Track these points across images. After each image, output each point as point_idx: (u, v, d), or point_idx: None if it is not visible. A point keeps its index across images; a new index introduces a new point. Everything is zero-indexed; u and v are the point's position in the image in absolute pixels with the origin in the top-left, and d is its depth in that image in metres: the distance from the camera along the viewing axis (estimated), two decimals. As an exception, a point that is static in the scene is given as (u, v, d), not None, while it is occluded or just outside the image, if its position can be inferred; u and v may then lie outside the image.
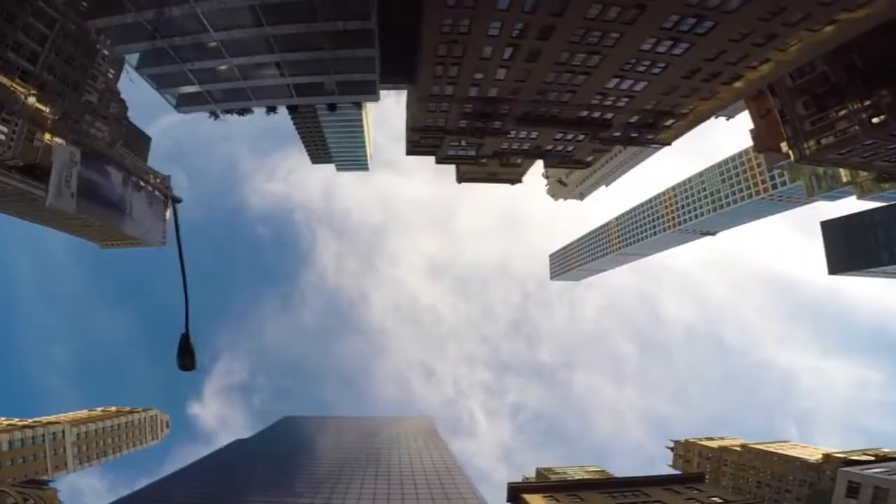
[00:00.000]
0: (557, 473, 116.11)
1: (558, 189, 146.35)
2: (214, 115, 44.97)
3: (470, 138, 48.61)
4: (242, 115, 46.29)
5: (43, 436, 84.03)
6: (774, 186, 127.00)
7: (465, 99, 40.05)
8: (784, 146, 52.79)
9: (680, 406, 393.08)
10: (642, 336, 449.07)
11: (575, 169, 64.41)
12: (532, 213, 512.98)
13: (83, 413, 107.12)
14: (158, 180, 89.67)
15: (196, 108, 42.57)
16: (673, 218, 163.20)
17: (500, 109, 41.74)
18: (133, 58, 35.71)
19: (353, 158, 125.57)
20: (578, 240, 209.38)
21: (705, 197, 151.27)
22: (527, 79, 36.68)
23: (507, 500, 40.60)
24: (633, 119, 42.98)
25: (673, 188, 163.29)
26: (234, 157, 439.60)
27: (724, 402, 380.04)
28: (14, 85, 52.90)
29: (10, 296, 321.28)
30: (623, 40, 31.29)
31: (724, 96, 38.67)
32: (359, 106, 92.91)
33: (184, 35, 31.75)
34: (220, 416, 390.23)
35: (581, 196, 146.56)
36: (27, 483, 75.49)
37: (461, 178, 73.19)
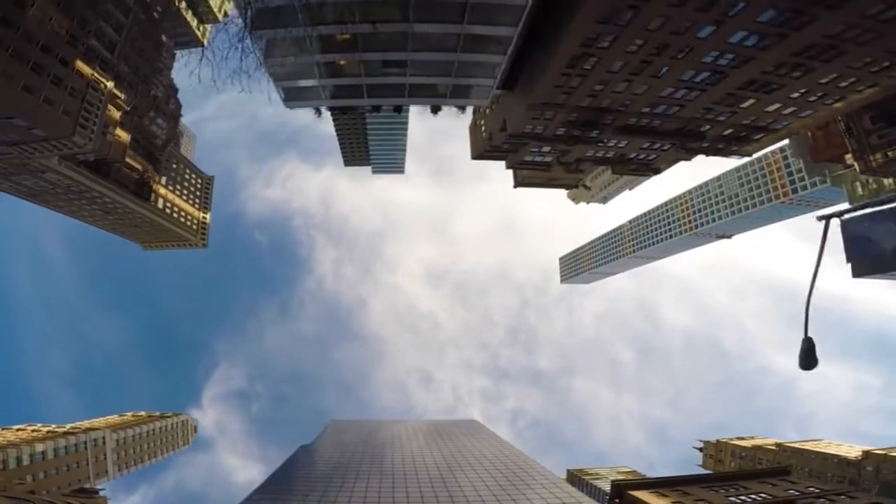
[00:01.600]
0: (590, 474, 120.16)
1: (581, 193, 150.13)
2: (318, 111, 46.93)
3: (560, 145, 51.52)
4: (345, 112, 48.43)
5: (85, 443, 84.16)
6: (795, 191, 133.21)
7: (574, 108, 42.98)
8: (849, 157, 57.19)
9: (678, 412, 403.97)
10: (641, 342, 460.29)
11: (643, 176, 67.86)
12: (530, 219, 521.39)
13: (115, 418, 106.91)
14: (202, 181, 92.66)
15: (304, 104, 44.19)
16: (689, 221, 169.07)
17: (604, 119, 44.79)
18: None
19: (392, 161, 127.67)
20: (590, 243, 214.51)
21: (723, 200, 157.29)
22: (645, 92, 39.80)
23: (612, 498, 43.65)
24: (727, 132, 46.56)
25: (689, 192, 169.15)
26: (232, 163, 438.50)
27: (722, 407, 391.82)
28: (95, 74, 53.51)
29: (9, 301, 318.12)
30: (754, 63, 34.64)
31: (820, 114, 42.47)
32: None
33: (326, 24, 32.93)
34: (218, 423, 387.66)
35: (604, 200, 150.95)
36: (78, 492, 75.62)
37: (519, 184, 76.20)
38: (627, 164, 58.56)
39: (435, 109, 55.02)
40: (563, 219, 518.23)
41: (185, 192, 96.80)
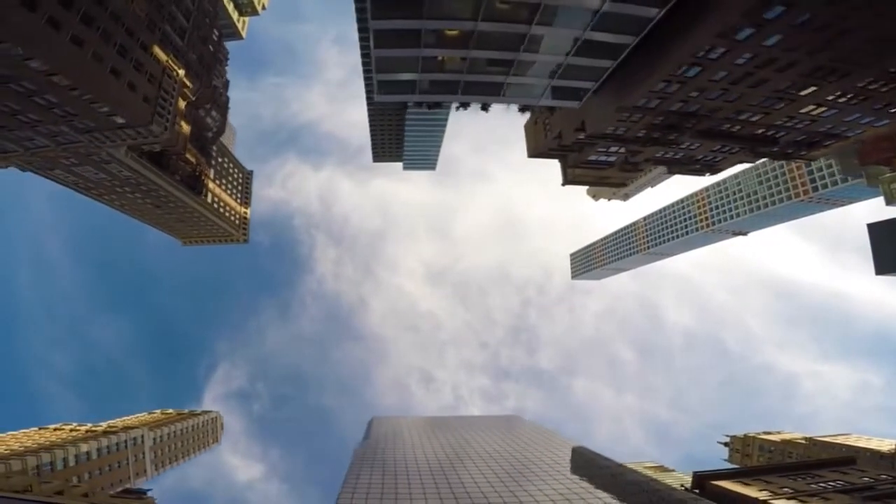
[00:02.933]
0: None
1: (601, 190, 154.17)
2: (404, 105, 49.04)
3: (634, 146, 54.42)
4: (431, 108, 50.64)
5: (126, 442, 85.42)
6: (815, 189, 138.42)
7: (663, 112, 45.84)
8: (900, 162, 61.09)
9: (680, 411, 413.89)
10: (642, 341, 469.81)
11: (699, 175, 71.11)
12: (531, 218, 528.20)
13: (145, 416, 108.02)
14: (242, 175, 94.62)
15: (396, 97, 46.19)
16: (706, 218, 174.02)
17: (687, 123, 47.73)
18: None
19: (425, 158, 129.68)
20: (602, 239, 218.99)
21: (741, 198, 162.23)
22: (737, 100, 42.79)
23: (693, 488, 47.06)
24: (801, 138, 49.87)
25: (707, 189, 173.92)
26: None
27: (724, 406, 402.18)
28: (169, 61, 54.23)
29: (11, 302, 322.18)
30: (849, 78, 37.79)
31: (894, 125, 45.92)
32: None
33: (446, 19, 34.72)
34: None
35: (626, 197, 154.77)
36: (125, 493, 77.08)
37: (569, 181, 78.94)
38: (689, 165, 61.76)
39: (485, 107, 57.57)
40: (563, 218, 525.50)
41: (228, 186, 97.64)
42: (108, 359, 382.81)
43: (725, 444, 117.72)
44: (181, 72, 56.39)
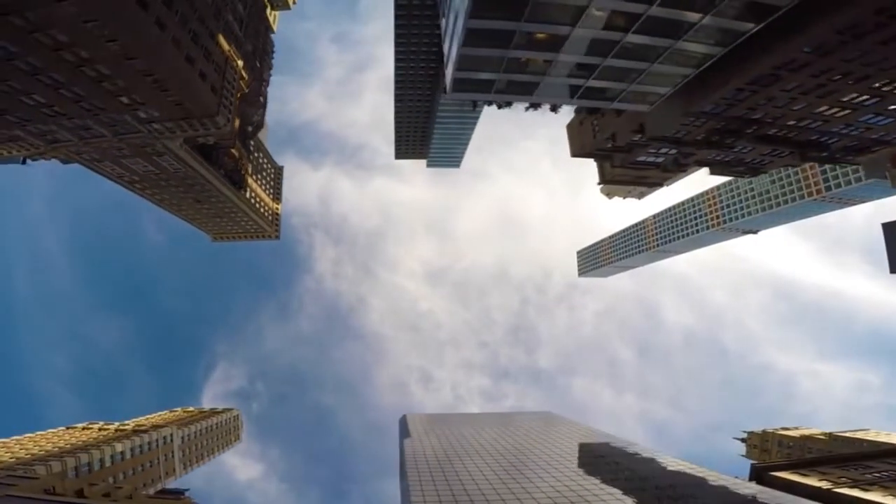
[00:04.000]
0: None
1: (616, 189, 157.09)
2: (474, 104, 50.85)
3: (689, 149, 57.03)
4: (500, 108, 52.63)
5: (157, 441, 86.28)
6: (829, 188, 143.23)
7: (728, 118, 48.40)
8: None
9: (679, 410, 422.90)
10: (641, 341, 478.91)
11: (742, 177, 74.11)
12: (530, 217, 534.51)
13: (166, 414, 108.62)
14: (274, 170, 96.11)
15: (470, 95, 47.44)
16: (717, 216, 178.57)
17: (748, 128, 50.41)
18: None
19: (451, 156, 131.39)
20: (610, 237, 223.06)
21: (753, 196, 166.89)
22: (802, 108, 45.49)
23: (751, 479, 50.05)
24: (852, 144, 52.87)
25: (717, 188, 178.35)
26: None
27: (722, 405, 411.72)
28: (231, 51, 54.74)
29: (8, 301, 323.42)
30: (918, 86, 40.59)
31: (946, 129, 49.02)
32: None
33: (544, 23, 36.41)
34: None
35: (641, 195, 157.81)
36: (162, 493, 78.20)
37: (606, 180, 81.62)
38: (735, 167, 64.66)
39: (555, 108, 59.68)
40: (563, 217, 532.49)
41: (262, 181, 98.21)
42: (106, 358, 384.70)
43: (742, 440, 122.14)
44: (240, 63, 57.05)
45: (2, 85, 46.70)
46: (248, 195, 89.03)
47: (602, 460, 62.07)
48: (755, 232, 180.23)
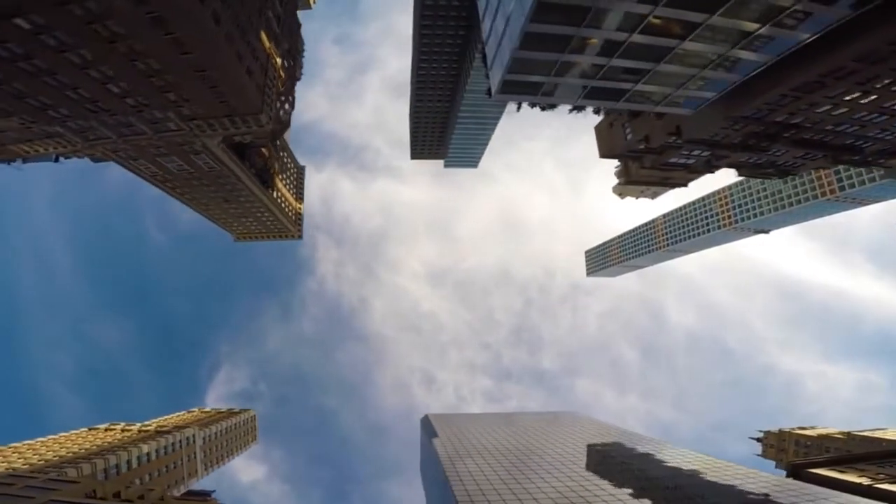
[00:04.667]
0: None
1: (629, 188, 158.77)
2: (518, 105, 52.21)
3: (724, 151, 58.59)
4: (544, 110, 54.03)
5: (180, 442, 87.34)
6: (843, 188, 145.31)
7: (768, 122, 49.96)
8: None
9: (682, 411, 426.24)
10: (645, 341, 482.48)
11: (770, 179, 75.86)
12: (532, 218, 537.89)
13: (184, 414, 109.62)
14: (297, 169, 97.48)
15: (516, 97, 48.89)
16: (728, 216, 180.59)
17: (786, 132, 51.98)
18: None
19: (469, 156, 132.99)
20: (619, 237, 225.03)
21: (765, 197, 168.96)
22: (841, 114, 47.08)
23: (788, 476, 51.74)
24: (886, 147, 54.53)
25: (729, 187, 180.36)
26: None
27: (727, 406, 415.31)
28: (271, 48, 55.45)
29: (13, 303, 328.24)
30: (959, 92, 42.22)
31: (980, 133, 50.72)
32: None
33: (601, 28, 37.70)
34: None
35: (654, 195, 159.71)
36: (189, 495, 79.22)
37: (632, 180, 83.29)
38: (765, 169, 66.28)
39: (598, 111, 60.97)
40: (566, 217, 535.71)
41: (286, 180, 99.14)
42: (110, 360, 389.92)
43: (758, 440, 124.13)
44: (279, 61, 57.91)
45: (50, 78, 47.10)
46: (274, 195, 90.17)
47: (642, 459, 63.67)
48: (766, 231, 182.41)
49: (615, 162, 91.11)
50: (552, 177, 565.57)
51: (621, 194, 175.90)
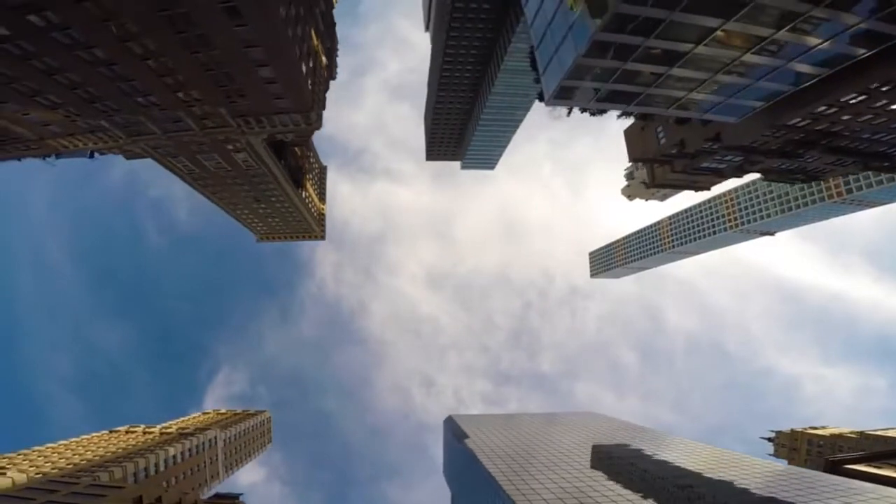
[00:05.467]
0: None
1: (639, 190, 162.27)
2: (570, 110, 54.33)
3: (758, 157, 61.31)
4: (594, 115, 56.27)
5: (203, 444, 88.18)
6: (850, 191, 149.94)
7: (810, 130, 52.68)
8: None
9: (681, 414, 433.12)
10: (644, 344, 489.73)
11: (796, 183, 78.91)
12: (531, 221, 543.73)
13: (200, 416, 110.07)
14: (319, 169, 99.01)
15: (569, 103, 50.77)
16: (735, 218, 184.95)
17: (823, 140, 54.78)
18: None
19: (487, 158, 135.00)
20: (624, 238, 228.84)
21: (772, 199, 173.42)
22: (881, 123, 49.94)
23: (826, 471, 54.55)
24: (917, 153, 57.58)
25: (735, 189, 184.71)
26: None
27: (725, 410, 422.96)
28: (319, 45, 56.51)
29: (12, 305, 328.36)
30: None
31: None
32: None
33: (669, 39, 39.88)
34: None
35: (664, 197, 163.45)
36: (216, 498, 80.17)
37: (657, 183, 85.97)
38: (793, 174, 69.25)
39: (646, 117, 63.43)
40: (564, 220, 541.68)
41: (311, 180, 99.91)
42: (109, 362, 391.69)
43: (770, 440, 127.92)
44: (324, 58, 59.05)
45: (106, 69, 46.69)
46: (303, 195, 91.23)
47: (680, 457, 66.22)
48: (772, 233, 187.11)
49: (621, 165, 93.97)
50: (551, 179, 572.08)
51: (630, 196, 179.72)
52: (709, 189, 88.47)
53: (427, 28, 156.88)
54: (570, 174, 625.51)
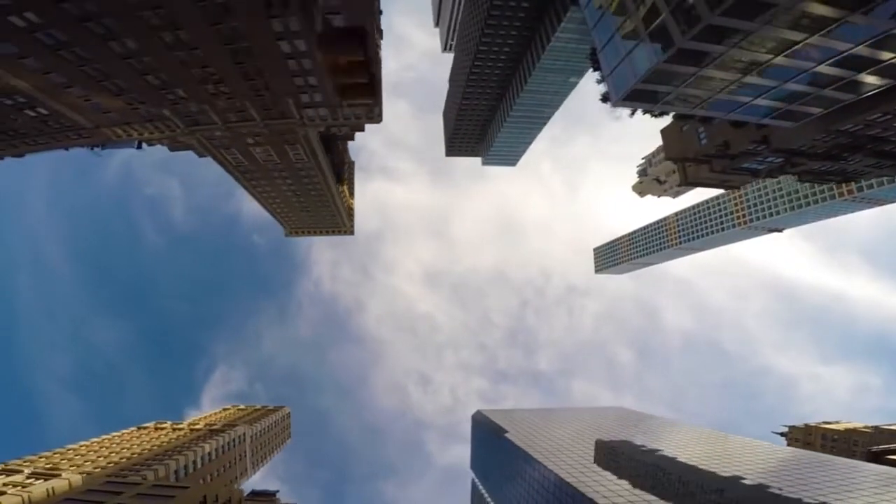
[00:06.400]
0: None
1: (652, 187, 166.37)
2: (633, 111, 56.80)
3: (801, 159, 64.45)
4: (655, 117, 58.78)
5: (234, 440, 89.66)
6: (860, 189, 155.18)
7: (862, 135, 55.84)
8: None
9: (678, 412, 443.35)
10: (640, 343, 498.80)
11: (830, 184, 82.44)
12: (528, 220, 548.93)
13: (219, 412, 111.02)
14: (348, 164, 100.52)
15: (637, 105, 52.94)
16: (743, 215, 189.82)
17: (870, 144, 58.01)
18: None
19: (510, 154, 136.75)
20: (630, 234, 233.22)
21: (781, 196, 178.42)
22: (931, 128, 53.15)
23: (867, 461, 58.33)
24: (956, 157, 61.15)
25: (745, 186, 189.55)
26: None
27: (722, 408, 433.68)
28: (377, 39, 57.50)
29: (10, 304, 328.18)
30: None
31: None
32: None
33: (747, 49, 42.27)
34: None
35: (676, 194, 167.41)
36: (254, 495, 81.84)
37: (689, 182, 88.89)
38: (832, 176, 72.69)
39: (705, 119, 66.15)
40: (562, 218, 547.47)
41: (346, 175, 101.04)
42: (106, 361, 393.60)
43: (782, 434, 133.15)
44: (379, 53, 60.12)
45: (186, 53, 46.21)
46: (340, 189, 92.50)
47: (729, 451, 69.71)
48: (780, 230, 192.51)
49: (621, 163, 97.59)
50: (550, 177, 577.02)
51: (642, 192, 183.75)
52: (739, 188, 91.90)
53: (437, 24, 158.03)
54: (569, 172, 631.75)
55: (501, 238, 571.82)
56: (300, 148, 65.44)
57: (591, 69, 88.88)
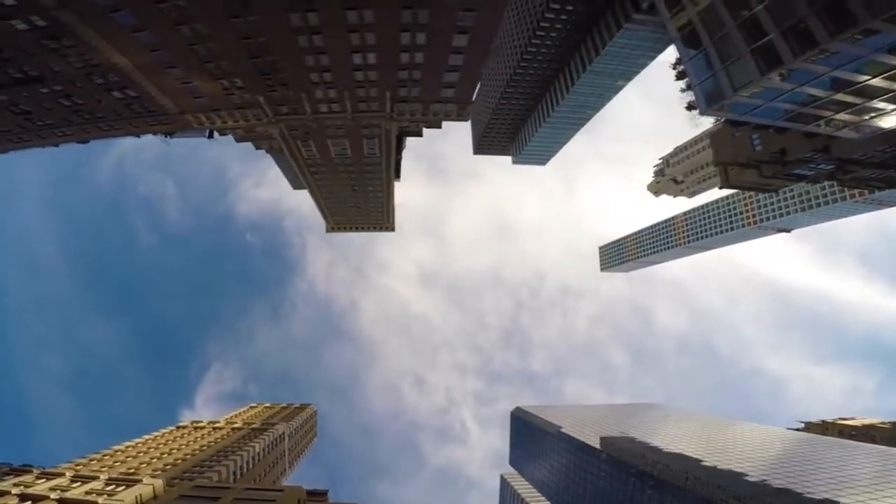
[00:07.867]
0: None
1: (668, 186, 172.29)
2: (718, 119, 60.86)
3: (854, 167, 69.89)
4: (734, 125, 63.20)
5: (276, 439, 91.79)
6: (871, 191, 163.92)
7: (918, 147, 61.15)
8: None
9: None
10: (634, 344, 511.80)
11: (869, 189, 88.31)
12: (523, 220, 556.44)
13: (248, 410, 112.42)
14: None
15: (723, 114, 57.52)
16: (752, 215, 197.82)
17: (924, 154, 63.55)
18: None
19: (541, 154, 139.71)
20: (637, 233, 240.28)
21: (791, 196, 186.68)
22: None
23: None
24: None
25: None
26: (223, 162, 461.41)
27: (715, 408, 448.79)
28: None
29: (2, 304, 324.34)
30: None
31: None
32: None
33: (849, 70, 46.59)
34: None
35: (692, 194, 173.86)
36: (310, 495, 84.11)
37: (731, 185, 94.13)
38: (875, 182, 78.57)
39: (780, 130, 70.95)
40: (557, 219, 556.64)
41: None
42: (100, 360, 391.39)
43: (798, 430, 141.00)
44: None
45: (306, 38, 45.69)
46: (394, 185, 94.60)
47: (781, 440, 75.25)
48: (789, 230, 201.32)
49: (619, 164, 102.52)
50: (546, 178, 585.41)
51: (657, 192, 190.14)
52: (777, 191, 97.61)
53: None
54: (564, 172, 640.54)
55: (496, 239, 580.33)
56: (377, 142, 66.78)
57: (637, 75, 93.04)
